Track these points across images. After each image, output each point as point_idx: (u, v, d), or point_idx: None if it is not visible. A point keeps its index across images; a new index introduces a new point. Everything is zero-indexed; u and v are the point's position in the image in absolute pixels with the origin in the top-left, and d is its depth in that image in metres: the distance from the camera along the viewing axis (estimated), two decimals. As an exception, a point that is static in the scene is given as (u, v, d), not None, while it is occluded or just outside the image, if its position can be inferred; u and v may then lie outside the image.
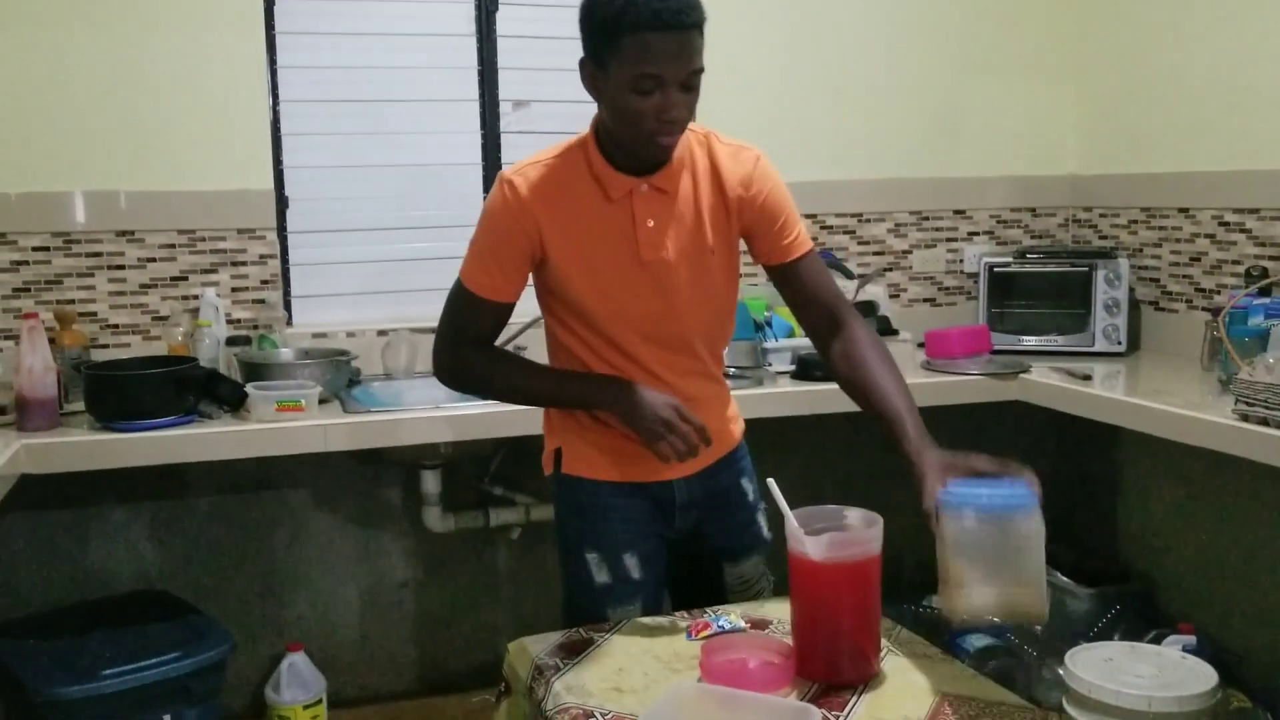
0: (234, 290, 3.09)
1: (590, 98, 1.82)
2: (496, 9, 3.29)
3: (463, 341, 1.90)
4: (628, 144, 1.78)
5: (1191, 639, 2.91)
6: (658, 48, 1.66)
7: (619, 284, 1.83)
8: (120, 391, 2.57)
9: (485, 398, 2.02)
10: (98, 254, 2.97)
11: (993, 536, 1.52)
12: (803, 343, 3.16)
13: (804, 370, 3.05)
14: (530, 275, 1.90)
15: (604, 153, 1.82)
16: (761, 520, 2.07)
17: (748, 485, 2.05)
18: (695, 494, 1.97)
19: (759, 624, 1.81)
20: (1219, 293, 3.23)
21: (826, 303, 1.93)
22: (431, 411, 2.78)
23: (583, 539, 1.94)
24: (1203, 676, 2.62)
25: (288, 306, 3.19)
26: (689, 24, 1.67)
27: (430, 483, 3.10)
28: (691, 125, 1.82)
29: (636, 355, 1.88)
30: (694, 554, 2.04)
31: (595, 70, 1.75)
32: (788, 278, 1.93)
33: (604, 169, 1.81)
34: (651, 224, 1.81)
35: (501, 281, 1.85)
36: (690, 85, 1.71)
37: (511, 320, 3.35)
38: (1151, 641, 2.87)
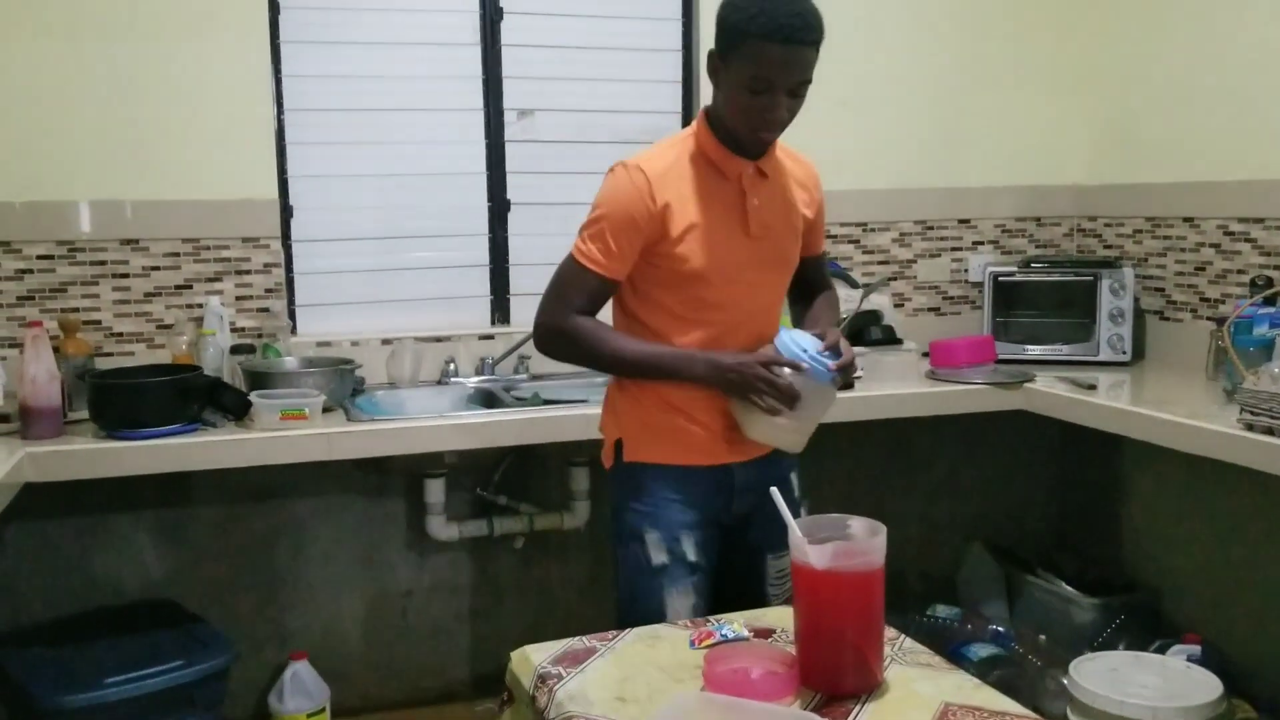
0: (238, 299, 3.09)
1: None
2: (501, 18, 3.30)
3: (570, 313, 2.01)
4: (734, 132, 1.98)
5: (1196, 649, 2.90)
6: (775, 57, 1.86)
7: (728, 256, 2.01)
8: (124, 400, 2.57)
9: (583, 364, 2.11)
10: (102, 262, 2.98)
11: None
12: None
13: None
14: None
15: (717, 136, 2.00)
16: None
17: (795, 480, 2.20)
18: (752, 479, 2.08)
19: (762, 633, 1.81)
20: (1224, 302, 3.23)
21: (816, 288, 2.28)
22: (435, 420, 2.78)
23: (643, 521, 2.06)
24: (1208, 686, 2.62)
25: (292, 315, 3.19)
26: (808, 42, 1.88)
27: (434, 492, 3.10)
28: None
29: (725, 330, 2.04)
30: (736, 546, 2.15)
31: (719, 63, 1.94)
32: (803, 268, 2.20)
33: (718, 150, 2.00)
34: (756, 203, 2.03)
35: (618, 262, 1.98)
36: (797, 93, 1.93)
37: (513, 330, 3.38)
38: (1156, 652, 2.87)
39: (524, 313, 3.36)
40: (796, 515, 2.04)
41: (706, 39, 3.40)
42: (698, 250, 1.98)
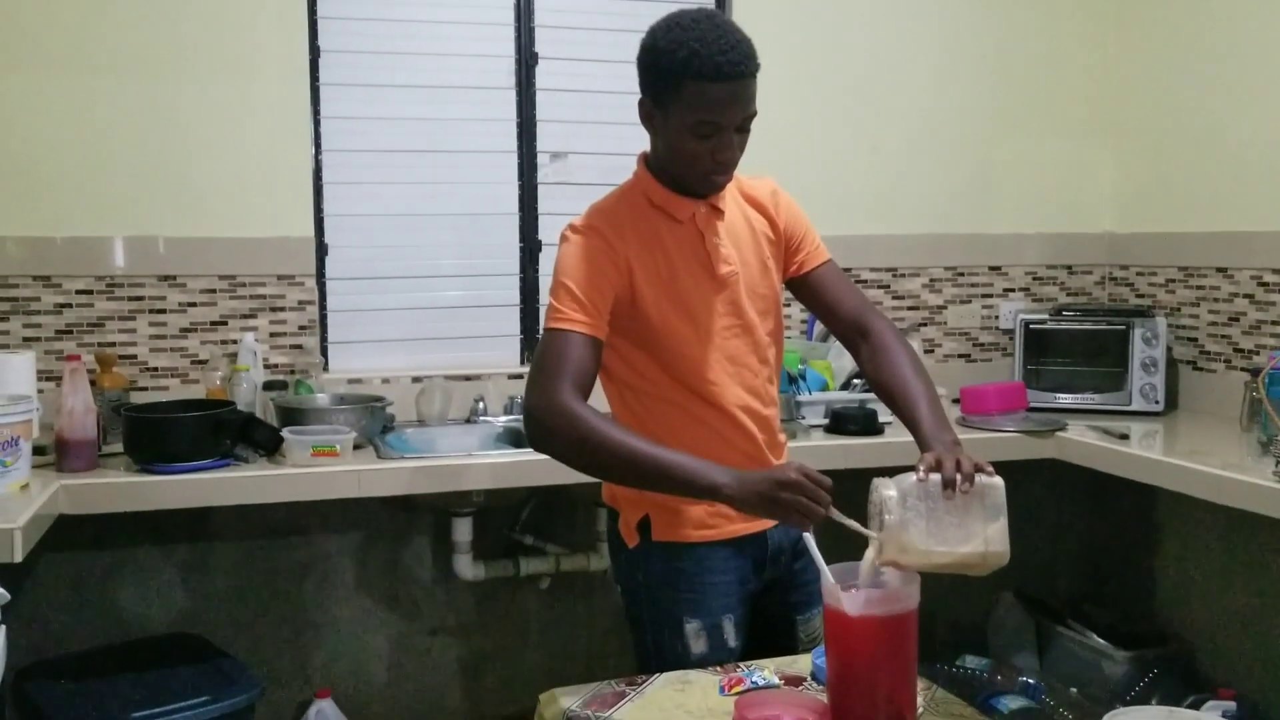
0: (272, 335, 3.12)
1: (641, 134, 1.92)
2: (536, 63, 3.34)
3: (562, 389, 1.73)
4: (683, 179, 1.87)
5: (1231, 704, 2.85)
6: (718, 97, 1.75)
7: (701, 303, 1.89)
8: (158, 434, 2.59)
9: (579, 454, 1.76)
10: (140, 298, 3.01)
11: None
12: (836, 396, 3.15)
13: (837, 424, 3.04)
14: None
15: (661, 181, 1.90)
16: None
17: (809, 538, 2.02)
18: (783, 541, 1.99)
19: (793, 680, 1.79)
20: (1258, 353, 3.21)
21: (852, 308, 2.02)
22: (464, 459, 2.79)
23: (681, 608, 1.92)
24: (1245, 743, 2.56)
25: (324, 352, 3.22)
26: (748, 74, 1.77)
27: (461, 530, 3.09)
28: None
29: (717, 386, 1.89)
30: (761, 612, 2.03)
31: (653, 110, 1.84)
32: (811, 288, 2.03)
33: (665, 196, 1.89)
34: (717, 241, 1.91)
35: (595, 316, 1.79)
36: (744, 128, 1.81)
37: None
38: (1190, 706, 2.82)
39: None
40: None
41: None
42: (665, 305, 1.85)
